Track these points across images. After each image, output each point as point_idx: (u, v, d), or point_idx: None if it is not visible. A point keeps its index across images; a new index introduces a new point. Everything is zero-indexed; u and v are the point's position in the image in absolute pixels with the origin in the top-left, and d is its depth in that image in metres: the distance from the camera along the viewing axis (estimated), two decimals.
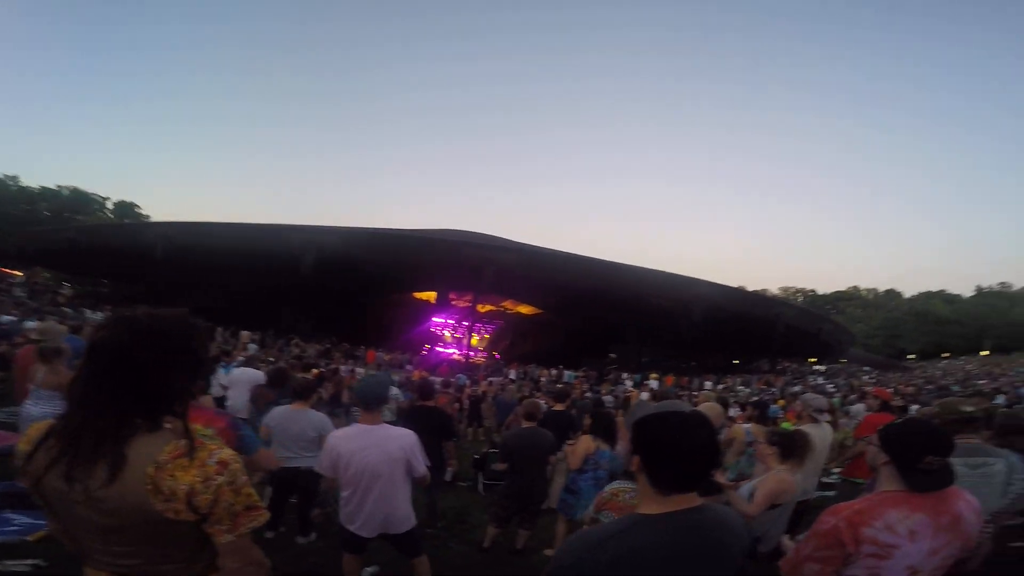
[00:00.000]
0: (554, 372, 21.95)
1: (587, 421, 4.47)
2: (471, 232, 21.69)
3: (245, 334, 17.76)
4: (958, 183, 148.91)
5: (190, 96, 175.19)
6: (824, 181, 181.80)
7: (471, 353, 26.60)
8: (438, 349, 29.06)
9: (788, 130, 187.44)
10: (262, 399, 5.06)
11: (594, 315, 24.45)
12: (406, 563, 2.97)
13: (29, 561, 3.03)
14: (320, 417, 3.89)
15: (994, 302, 58.83)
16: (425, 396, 4.78)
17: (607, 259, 22.14)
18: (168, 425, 1.14)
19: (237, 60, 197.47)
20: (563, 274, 21.31)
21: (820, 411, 4.08)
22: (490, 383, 12.78)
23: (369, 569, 3.48)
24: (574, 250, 22.28)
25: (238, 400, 6.13)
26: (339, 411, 7.71)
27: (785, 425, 5.96)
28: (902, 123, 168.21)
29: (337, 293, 22.81)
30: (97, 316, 15.42)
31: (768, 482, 2.72)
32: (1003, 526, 2.59)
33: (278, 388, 5.13)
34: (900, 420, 1.76)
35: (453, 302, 27.60)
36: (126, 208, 53.29)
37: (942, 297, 63.10)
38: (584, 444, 3.82)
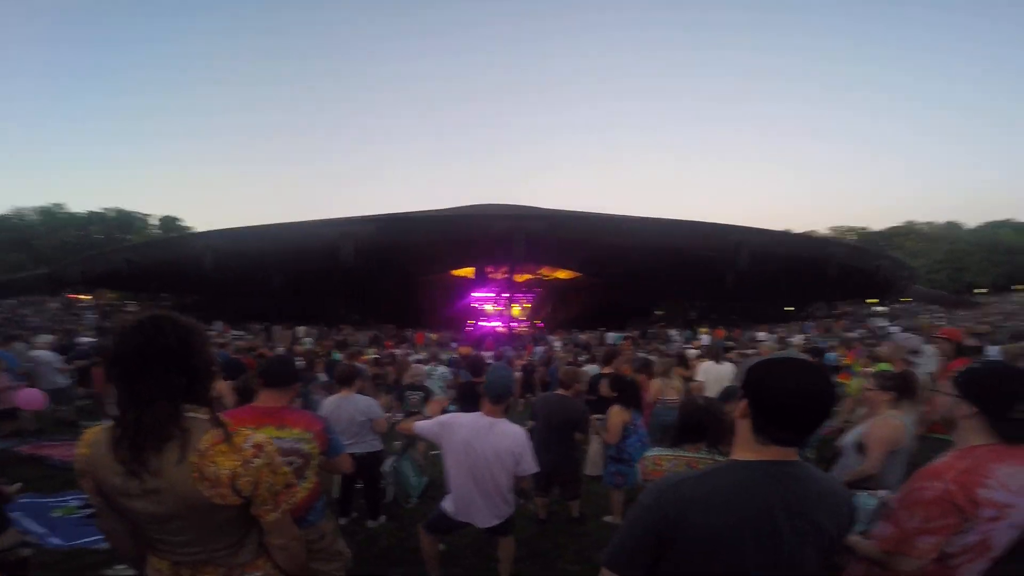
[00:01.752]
0: (595, 335, 21.85)
1: (604, 390, 4.34)
2: (498, 204, 21.45)
3: (301, 329, 18.60)
4: (1014, 102, 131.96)
5: (210, 106, 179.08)
6: (868, 112, 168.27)
7: (514, 324, 26.83)
8: (481, 323, 29.48)
9: (827, 61, 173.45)
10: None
11: (632, 273, 23.96)
12: (475, 540, 3.02)
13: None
14: (368, 401, 3.95)
15: None
16: (477, 373, 4.75)
17: (636, 215, 21.49)
18: (204, 416, 1.20)
19: (255, 69, 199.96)
20: (594, 234, 20.83)
21: (915, 352, 3.79)
22: (550, 351, 12.77)
23: (440, 546, 3.59)
24: (613, 209, 21.64)
25: None
26: (398, 394, 7.94)
27: (882, 366, 5.60)
28: (949, 41, 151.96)
29: (378, 279, 23.32)
30: None
31: (879, 429, 2.54)
32: None
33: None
34: (980, 365, 1.56)
35: (491, 275, 27.74)
36: (169, 223, 55.55)
37: (1010, 226, 57.63)
38: (618, 416, 3.77)
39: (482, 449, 2.57)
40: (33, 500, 4.19)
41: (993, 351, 7.60)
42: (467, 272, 27.12)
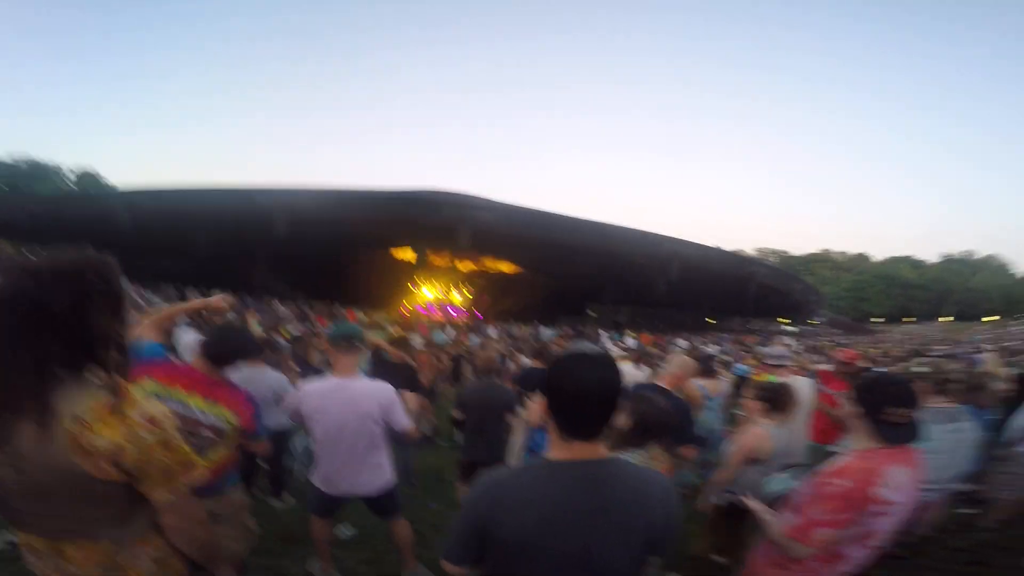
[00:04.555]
0: (532, 330, 22.24)
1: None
2: (447, 192, 21.05)
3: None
4: (928, 152, 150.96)
5: (147, 56, 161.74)
6: (801, 145, 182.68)
7: (451, 311, 26.65)
8: (418, 307, 29.01)
9: (768, 95, 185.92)
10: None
11: (572, 273, 24.59)
12: (386, 525, 2.99)
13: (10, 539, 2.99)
14: (278, 377, 3.80)
15: (958, 268, 60.43)
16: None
17: (583, 217, 22.00)
18: (97, 380, 1.04)
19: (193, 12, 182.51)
20: (540, 231, 21.13)
21: (778, 360, 3.96)
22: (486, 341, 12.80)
23: (346, 531, 3.52)
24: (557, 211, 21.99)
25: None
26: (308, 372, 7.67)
27: (769, 378, 6.04)
28: (877, 91, 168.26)
29: (311, 253, 22.29)
30: None
31: (742, 437, 2.66)
32: (951, 492, 2.62)
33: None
34: (871, 373, 1.77)
35: (432, 260, 27.34)
36: (89, 179, 50.13)
37: (909, 262, 64.55)
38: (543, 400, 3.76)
39: (336, 411, 2.45)
40: None
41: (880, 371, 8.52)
42: (407, 255, 26.54)
